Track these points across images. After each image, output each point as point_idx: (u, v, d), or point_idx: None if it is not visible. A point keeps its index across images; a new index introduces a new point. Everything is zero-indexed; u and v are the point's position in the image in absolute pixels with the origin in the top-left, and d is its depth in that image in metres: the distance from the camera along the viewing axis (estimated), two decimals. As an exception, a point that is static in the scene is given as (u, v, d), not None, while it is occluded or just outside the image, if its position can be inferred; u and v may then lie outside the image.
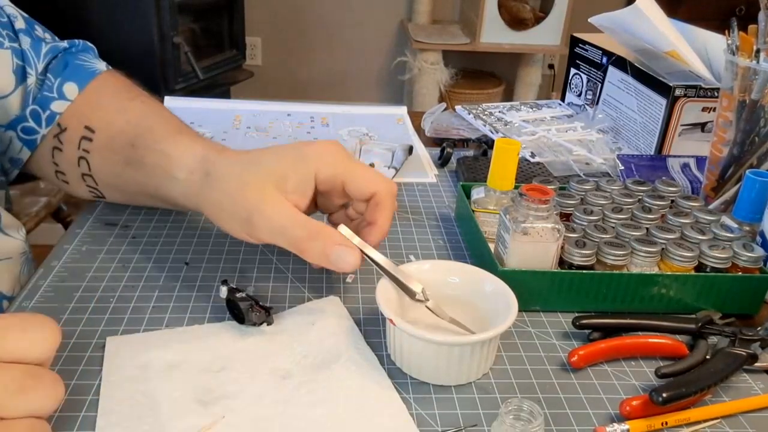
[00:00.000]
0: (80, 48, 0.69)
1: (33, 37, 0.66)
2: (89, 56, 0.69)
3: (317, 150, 0.54)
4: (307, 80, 3.22)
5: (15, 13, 0.66)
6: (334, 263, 0.50)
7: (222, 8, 2.38)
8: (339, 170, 0.53)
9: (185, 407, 0.44)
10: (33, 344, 0.37)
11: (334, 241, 0.50)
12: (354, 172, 0.54)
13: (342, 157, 0.54)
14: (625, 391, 0.49)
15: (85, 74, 0.66)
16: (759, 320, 0.58)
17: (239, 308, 0.51)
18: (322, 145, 0.55)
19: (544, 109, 1.04)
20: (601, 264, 0.58)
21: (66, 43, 0.69)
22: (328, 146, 0.55)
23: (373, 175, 0.55)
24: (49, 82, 0.65)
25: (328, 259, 0.50)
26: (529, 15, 2.81)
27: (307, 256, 0.51)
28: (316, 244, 0.50)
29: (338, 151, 0.55)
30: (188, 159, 0.56)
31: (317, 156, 0.53)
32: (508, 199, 0.65)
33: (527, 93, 2.93)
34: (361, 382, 0.47)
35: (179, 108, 1.01)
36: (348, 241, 0.51)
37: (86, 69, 0.67)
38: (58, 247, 0.63)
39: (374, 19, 3.12)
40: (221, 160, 0.55)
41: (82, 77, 0.66)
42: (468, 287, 0.54)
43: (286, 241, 0.51)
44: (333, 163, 0.53)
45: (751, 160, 0.68)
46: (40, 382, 0.37)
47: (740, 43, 0.66)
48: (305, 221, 0.51)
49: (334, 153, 0.54)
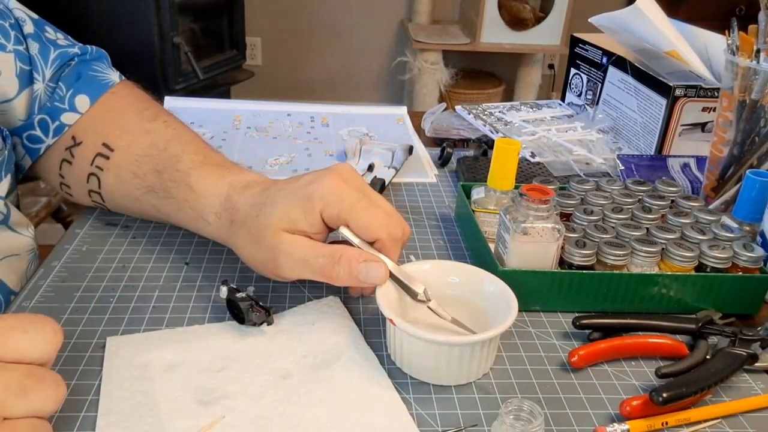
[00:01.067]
0: (94, 56, 0.69)
1: (42, 41, 0.65)
2: (103, 66, 0.68)
3: (323, 189, 0.52)
4: (307, 80, 3.22)
5: (24, 17, 0.65)
6: (364, 280, 0.51)
7: (222, 8, 2.38)
8: (343, 213, 0.51)
9: (185, 407, 0.44)
10: (34, 344, 0.37)
11: (359, 259, 0.50)
12: (358, 217, 0.51)
13: (347, 195, 0.52)
14: (625, 391, 0.49)
15: (99, 86, 0.66)
16: (759, 320, 0.58)
17: (239, 308, 0.51)
18: (329, 182, 0.52)
19: (544, 109, 1.04)
20: (601, 264, 0.58)
21: (78, 48, 0.68)
22: (335, 184, 0.52)
23: (376, 221, 0.52)
24: (60, 91, 0.64)
25: (357, 279, 0.50)
26: (529, 15, 2.81)
27: (336, 281, 0.51)
28: (342, 268, 0.50)
29: (343, 189, 0.52)
30: (215, 200, 0.57)
31: (321, 196, 0.51)
32: (508, 199, 0.65)
33: (527, 93, 2.93)
34: (361, 382, 0.47)
35: (179, 108, 1.01)
36: (371, 255, 0.51)
37: (99, 81, 0.66)
38: (58, 247, 0.63)
39: (374, 19, 3.12)
40: (242, 204, 0.55)
41: (95, 90, 0.65)
42: (468, 287, 0.54)
43: (312, 273, 0.52)
44: (337, 204, 0.51)
45: (751, 160, 0.68)
46: (42, 382, 0.37)
47: (740, 43, 0.65)
48: (325, 249, 0.51)
49: (339, 191, 0.52)
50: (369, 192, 0.54)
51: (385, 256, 0.52)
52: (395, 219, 0.53)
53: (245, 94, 2.63)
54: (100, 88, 0.66)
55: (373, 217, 0.52)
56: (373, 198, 0.54)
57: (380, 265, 0.51)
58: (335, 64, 3.20)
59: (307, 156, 0.88)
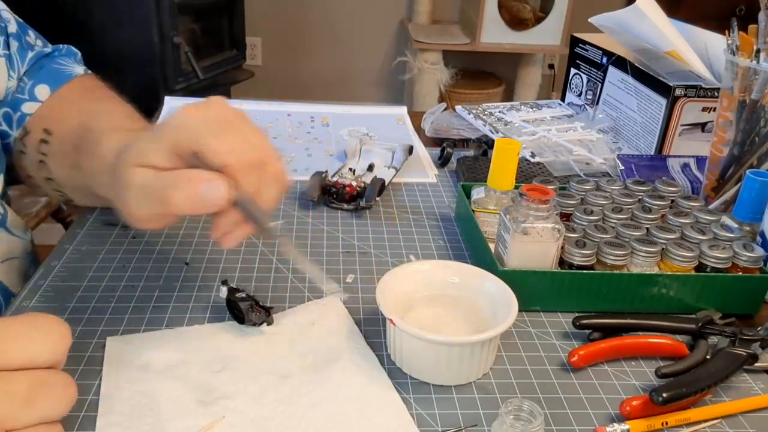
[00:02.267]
0: (63, 53, 0.69)
1: (22, 42, 0.65)
2: (69, 60, 0.68)
3: (175, 119, 0.46)
4: (307, 80, 3.21)
5: (9, 17, 0.65)
6: (203, 201, 0.44)
7: (222, 8, 2.38)
8: (192, 140, 0.45)
9: (185, 407, 0.44)
10: (40, 351, 0.37)
11: (199, 179, 0.44)
12: (206, 142, 0.45)
13: (199, 121, 0.46)
14: (625, 391, 0.49)
15: (60, 76, 0.65)
16: (759, 320, 0.58)
17: (239, 308, 0.51)
18: (184, 111, 0.47)
19: (544, 109, 1.04)
20: (601, 264, 0.58)
21: (50, 48, 0.68)
22: (189, 112, 0.46)
23: (225, 145, 0.45)
24: (23, 83, 0.64)
25: (197, 201, 0.44)
26: (529, 15, 2.81)
27: (176, 207, 0.45)
28: (181, 190, 0.44)
29: (196, 116, 0.46)
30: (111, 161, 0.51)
31: (172, 126, 0.46)
32: (508, 199, 0.65)
33: (527, 93, 2.93)
34: (361, 382, 0.47)
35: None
36: (213, 175, 0.45)
37: (62, 72, 0.66)
38: (58, 247, 0.63)
39: (374, 19, 3.12)
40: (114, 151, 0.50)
41: (55, 79, 0.65)
42: (468, 287, 0.54)
43: (153, 200, 0.45)
44: (186, 131, 0.46)
45: (751, 160, 0.68)
46: (50, 388, 0.37)
47: (740, 43, 0.65)
48: (166, 174, 0.45)
49: (191, 119, 0.46)
50: (235, 120, 0.48)
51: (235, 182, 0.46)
52: (254, 146, 0.47)
53: (245, 94, 2.63)
54: (61, 78, 0.65)
55: (223, 141, 0.45)
56: (236, 124, 0.47)
57: (220, 184, 0.44)
58: (335, 64, 3.20)
59: (307, 156, 0.88)
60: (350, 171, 0.78)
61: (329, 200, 0.74)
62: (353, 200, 0.73)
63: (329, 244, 0.66)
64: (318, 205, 0.74)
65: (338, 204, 0.73)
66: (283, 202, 0.75)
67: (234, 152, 0.45)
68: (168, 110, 1.00)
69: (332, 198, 0.74)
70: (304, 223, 0.70)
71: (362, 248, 0.66)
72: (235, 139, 0.46)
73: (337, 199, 0.73)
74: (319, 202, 0.73)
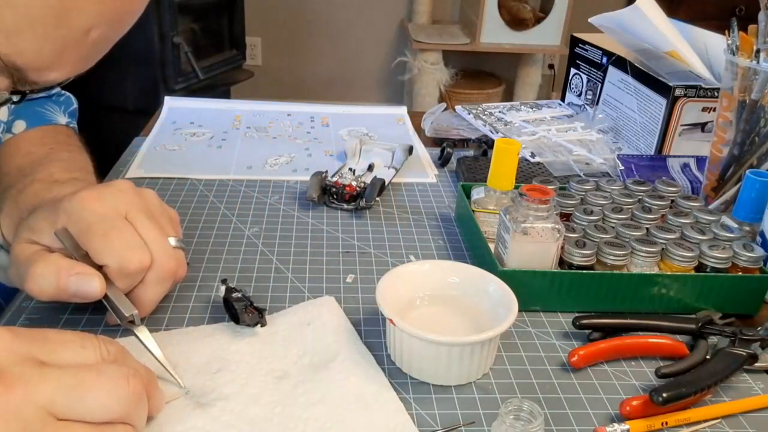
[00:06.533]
0: (60, 100, 0.69)
1: None
2: (56, 109, 0.68)
3: (71, 204, 0.48)
4: (307, 80, 3.22)
5: None
6: (75, 292, 0.46)
7: (222, 8, 2.38)
8: (81, 234, 0.47)
9: (182, 409, 0.44)
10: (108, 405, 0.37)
11: (70, 271, 0.46)
12: (90, 240, 0.46)
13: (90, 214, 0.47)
14: (625, 391, 0.49)
15: (41, 120, 0.66)
16: (759, 320, 0.58)
17: (235, 308, 0.51)
18: (81, 196, 0.48)
19: (544, 109, 1.04)
20: (601, 264, 0.58)
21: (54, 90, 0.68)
22: (85, 200, 0.48)
23: (107, 248, 0.46)
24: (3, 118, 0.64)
25: (66, 291, 0.45)
26: (529, 15, 2.81)
27: (40, 293, 0.46)
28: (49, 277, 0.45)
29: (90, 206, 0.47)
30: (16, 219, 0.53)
31: (66, 211, 0.48)
32: (508, 199, 0.65)
33: (527, 93, 2.93)
34: (358, 381, 0.47)
35: (179, 108, 1.01)
36: (87, 268, 0.46)
37: (42, 115, 0.66)
38: (57, 247, 0.63)
39: (374, 19, 3.12)
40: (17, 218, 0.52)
41: (34, 120, 0.65)
42: (468, 287, 0.54)
43: (19, 281, 0.47)
44: (77, 222, 0.47)
45: (751, 160, 0.68)
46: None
47: (740, 43, 0.65)
48: (42, 259, 0.46)
49: (83, 209, 0.47)
50: (134, 214, 0.49)
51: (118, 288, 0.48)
52: (140, 248, 0.48)
53: (245, 94, 2.63)
54: (41, 121, 0.66)
55: (106, 243, 0.47)
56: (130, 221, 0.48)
57: (93, 278, 0.46)
58: (335, 64, 3.20)
59: (307, 156, 0.88)
60: (350, 171, 0.78)
61: (329, 200, 0.74)
62: (353, 200, 0.73)
63: (329, 244, 0.66)
64: (318, 205, 0.74)
65: (338, 204, 0.73)
66: (283, 202, 0.75)
67: (113, 256, 0.46)
68: (168, 110, 1.00)
69: (332, 198, 0.74)
70: (304, 223, 0.70)
71: (362, 248, 0.66)
72: (120, 243, 0.47)
73: (337, 199, 0.73)
74: (319, 202, 0.73)
